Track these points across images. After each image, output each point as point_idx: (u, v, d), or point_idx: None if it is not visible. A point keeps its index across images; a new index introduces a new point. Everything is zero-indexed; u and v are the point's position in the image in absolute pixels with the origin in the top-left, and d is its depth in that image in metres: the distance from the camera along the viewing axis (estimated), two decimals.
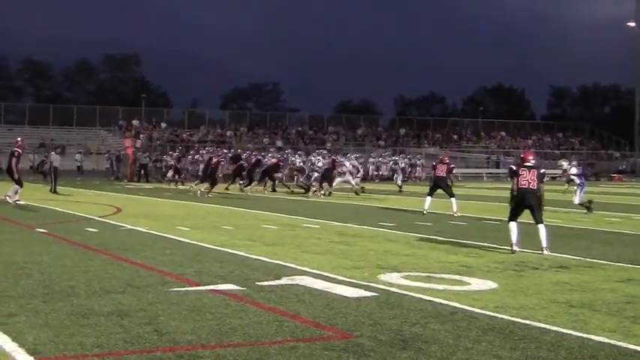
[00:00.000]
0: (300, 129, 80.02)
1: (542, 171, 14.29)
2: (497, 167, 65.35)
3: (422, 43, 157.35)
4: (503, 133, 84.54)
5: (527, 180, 13.87)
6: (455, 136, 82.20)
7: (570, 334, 7.60)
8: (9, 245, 14.24)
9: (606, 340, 7.38)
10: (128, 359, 6.50)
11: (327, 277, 10.85)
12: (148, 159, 52.36)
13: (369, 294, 9.60)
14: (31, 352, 6.62)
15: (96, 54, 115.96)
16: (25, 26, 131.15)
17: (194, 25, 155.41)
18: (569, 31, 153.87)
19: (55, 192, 33.11)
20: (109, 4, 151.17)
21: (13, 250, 13.55)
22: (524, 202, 13.95)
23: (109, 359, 6.50)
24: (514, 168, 14.83)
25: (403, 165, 40.84)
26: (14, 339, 7.05)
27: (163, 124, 74.69)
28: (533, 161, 14.30)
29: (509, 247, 13.90)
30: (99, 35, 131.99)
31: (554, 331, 7.74)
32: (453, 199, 22.40)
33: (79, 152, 56.18)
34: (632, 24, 76.71)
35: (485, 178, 54.40)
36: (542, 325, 7.97)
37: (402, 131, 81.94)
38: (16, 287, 9.77)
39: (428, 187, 24.01)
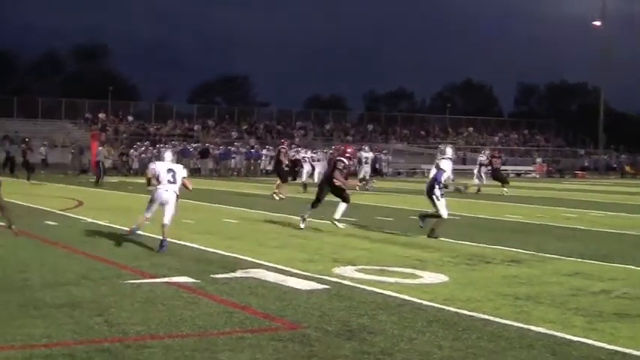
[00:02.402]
0: (268, 123, 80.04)
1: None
2: (464, 163, 65.71)
3: (392, 38, 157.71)
4: (470, 129, 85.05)
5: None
6: (422, 132, 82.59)
7: (512, 325, 7.82)
8: None
9: (545, 331, 7.61)
10: (76, 349, 6.60)
11: (282, 270, 11.01)
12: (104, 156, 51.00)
13: (320, 286, 9.77)
14: None
15: (64, 44, 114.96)
16: None
17: (166, 15, 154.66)
18: (537, 28, 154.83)
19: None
20: None
21: None
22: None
23: (57, 349, 6.59)
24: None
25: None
26: None
27: (130, 118, 74.36)
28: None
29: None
30: (67, 25, 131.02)
31: (497, 322, 7.96)
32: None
33: (44, 145, 55.77)
34: (598, 23, 77.36)
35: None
36: (487, 317, 8.18)
37: (370, 127, 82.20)
38: None
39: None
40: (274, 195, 27.24)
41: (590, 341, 7.25)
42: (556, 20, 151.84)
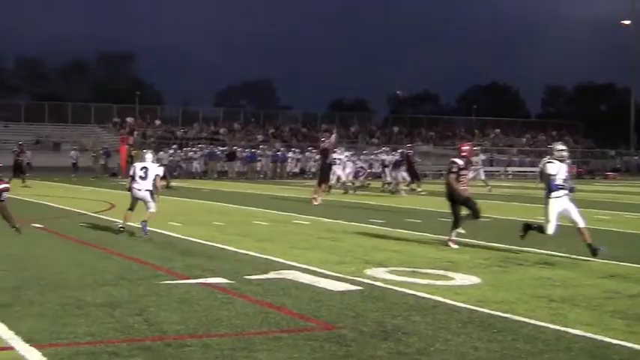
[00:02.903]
0: (293, 126, 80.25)
1: None
2: (491, 165, 65.52)
3: (416, 41, 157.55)
4: (497, 131, 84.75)
5: None
6: (448, 134, 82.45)
7: (548, 327, 7.85)
8: (5, 239, 14.49)
9: (582, 334, 7.62)
10: (119, 347, 6.76)
11: (314, 271, 11.11)
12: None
13: (353, 288, 9.87)
14: (26, 340, 6.90)
15: (90, 52, 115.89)
16: (20, 24, 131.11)
17: (188, 22, 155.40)
18: (564, 28, 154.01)
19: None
20: (103, 2, 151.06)
21: (9, 243, 13.82)
22: None
23: (101, 347, 6.76)
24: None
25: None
26: (10, 327, 7.34)
27: (157, 122, 74.84)
28: None
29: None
30: (94, 34, 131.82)
31: (533, 324, 7.99)
32: None
33: (74, 149, 56.29)
34: (627, 22, 76.91)
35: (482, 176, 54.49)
36: (521, 319, 8.22)
37: (396, 129, 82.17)
38: (12, 279, 10.08)
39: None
40: (313, 200, 25.97)
41: (630, 344, 7.24)
42: (583, 20, 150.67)
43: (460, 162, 14.45)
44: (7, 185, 12.51)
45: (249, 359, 6.51)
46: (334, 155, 30.58)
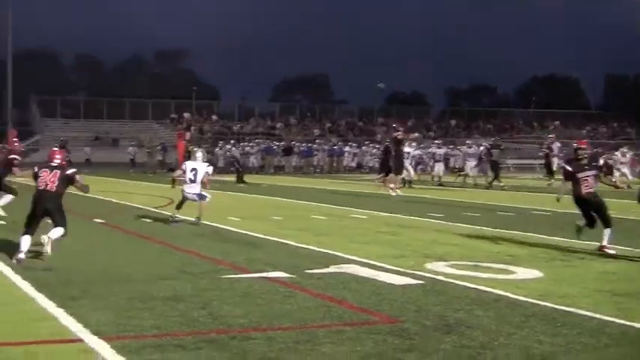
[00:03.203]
0: (349, 120, 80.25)
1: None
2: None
3: (473, 32, 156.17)
4: (557, 123, 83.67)
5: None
6: (507, 126, 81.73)
7: (613, 322, 7.78)
8: (70, 234, 14.67)
9: None
10: (185, 340, 6.86)
11: (374, 265, 11.14)
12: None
13: (414, 281, 9.88)
14: (94, 332, 7.05)
15: (148, 49, 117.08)
16: (78, 22, 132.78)
17: (242, 18, 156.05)
18: (626, 15, 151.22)
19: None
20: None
21: (74, 239, 14.01)
22: None
23: (167, 339, 6.88)
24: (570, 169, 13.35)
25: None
26: (79, 320, 7.51)
27: (214, 117, 75.42)
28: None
29: (556, 239, 14.02)
30: (151, 29, 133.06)
31: (597, 318, 7.93)
32: None
33: (132, 145, 57.02)
34: None
35: (538, 169, 54.00)
36: (585, 313, 8.16)
37: (453, 122, 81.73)
38: (78, 273, 10.28)
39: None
40: (391, 191, 25.92)
41: None
42: None
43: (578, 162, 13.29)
44: (74, 169, 12.93)
45: (313, 352, 6.55)
46: (405, 149, 30.48)
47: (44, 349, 6.57)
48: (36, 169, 12.67)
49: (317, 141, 62.55)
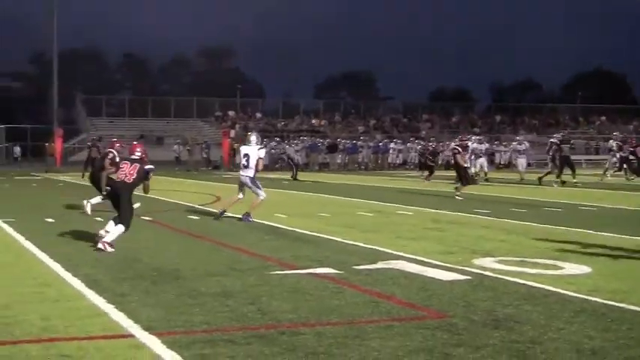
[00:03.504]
0: (394, 117, 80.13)
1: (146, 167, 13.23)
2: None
3: (518, 27, 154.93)
4: (603, 118, 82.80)
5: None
6: (552, 122, 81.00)
7: None
8: None
9: None
10: (235, 335, 6.92)
11: (422, 261, 11.14)
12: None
13: (462, 277, 9.87)
14: (145, 328, 7.14)
15: (192, 47, 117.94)
16: (123, 20, 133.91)
17: (288, 15, 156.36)
18: None
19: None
20: None
21: (123, 236, 14.18)
22: None
23: (217, 335, 6.95)
24: None
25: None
26: (129, 316, 7.61)
27: (258, 115, 75.73)
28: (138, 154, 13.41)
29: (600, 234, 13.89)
30: (194, 28, 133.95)
31: None
32: None
33: (177, 143, 57.47)
34: None
35: (584, 165, 53.61)
36: (636, 308, 8.08)
37: (498, 118, 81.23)
38: (127, 270, 10.39)
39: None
40: (457, 196, 23.89)
41: None
42: None
43: None
44: (152, 166, 13.42)
45: (362, 347, 6.58)
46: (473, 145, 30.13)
47: (96, 344, 6.67)
48: (117, 160, 13.52)
49: (361, 138, 62.57)
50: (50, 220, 17.14)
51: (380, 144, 58.65)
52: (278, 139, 58.04)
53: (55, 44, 54.80)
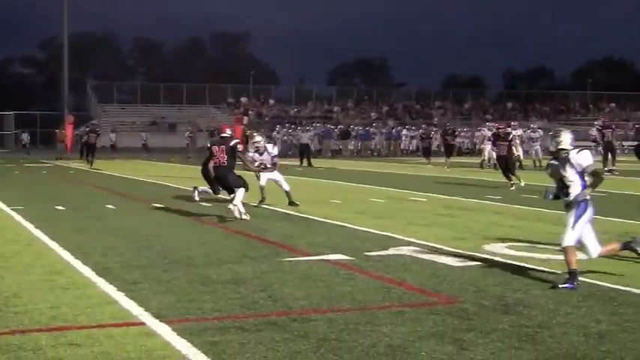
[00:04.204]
0: (407, 104, 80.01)
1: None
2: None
3: (532, 15, 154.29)
4: (613, 105, 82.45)
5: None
6: (563, 108, 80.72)
7: None
8: (130, 219, 15.02)
9: None
10: (246, 322, 6.97)
11: (433, 247, 11.19)
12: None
13: (473, 263, 9.92)
14: (156, 316, 7.18)
15: (205, 32, 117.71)
16: (135, 5, 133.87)
17: (301, 2, 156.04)
18: None
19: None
20: None
21: (134, 223, 14.30)
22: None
23: (229, 322, 6.99)
24: None
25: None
26: (140, 304, 7.65)
27: (271, 101, 75.74)
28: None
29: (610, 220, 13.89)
30: (208, 13, 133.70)
31: None
32: None
33: (189, 129, 57.46)
34: None
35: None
36: None
37: (509, 105, 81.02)
38: (138, 257, 10.45)
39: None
40: (512, 185, 22.39)
41: None
42: None
43: None
44: (237, 140, 14.32)
45: (374, 333, 6.63)
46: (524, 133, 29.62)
47: (106, 332, 6.69)
48: (209, 145, 15.01)
49: (374, 124, 62.50)
50: (60, 207, 17.21)
51: (393, 130, 58.60)
52: (291, 125, 57.89)
53: (65, 28, 54.63)
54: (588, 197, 8.74)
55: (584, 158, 8.69)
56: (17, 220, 15.03)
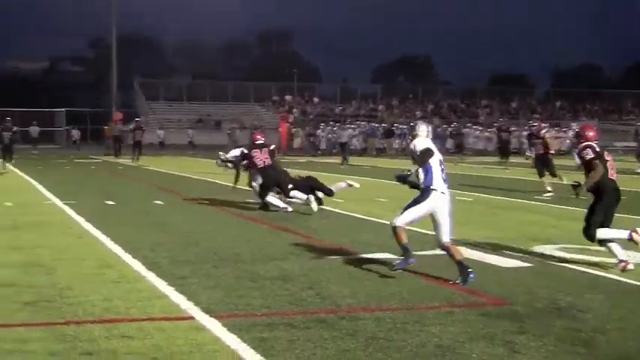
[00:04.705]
0: (451, 102, 79.55)
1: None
2: None
3: (579, 12, 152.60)
4: None
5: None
6: (613, 108, 79.69)
7: None
8: (176, 215, 15.06)
9: None
10: (294, 319, 6.93)
11: (481, 247, 11.08)
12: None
13: (523, 264, 9.79)
14: (205, 311, 7.18)
15: (250, 31, 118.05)
16: (183, 5, 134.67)
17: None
18: None
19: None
20: None
21: (180, 220, 14.35)
22: None
23: (277, 318, 6.96)
24: None
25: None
26: (189, 298, 7.66)
27: (316, 99, 75.73)
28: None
29: None
30: (252, 12, 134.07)
31: None
32: None
33: (233, 127, 57.69)
34: None
35: None
36: None
37: (558, 104, 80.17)
38: (186, 253, 10.46)
39: None
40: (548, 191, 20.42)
41: None
42: None
43: None
44: (273, 145, 16.39)
45: (423, 333, 6.55)
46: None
47: (157, 325, 6.72)
48: (245, 151, 16.25)
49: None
50: (110, 202, 17.34)
51: (438, 129, 58.20)
52: (338, 123, 57.65)
53: (114, 29, 55.30)
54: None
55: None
56: (69, 213, 15.21)
